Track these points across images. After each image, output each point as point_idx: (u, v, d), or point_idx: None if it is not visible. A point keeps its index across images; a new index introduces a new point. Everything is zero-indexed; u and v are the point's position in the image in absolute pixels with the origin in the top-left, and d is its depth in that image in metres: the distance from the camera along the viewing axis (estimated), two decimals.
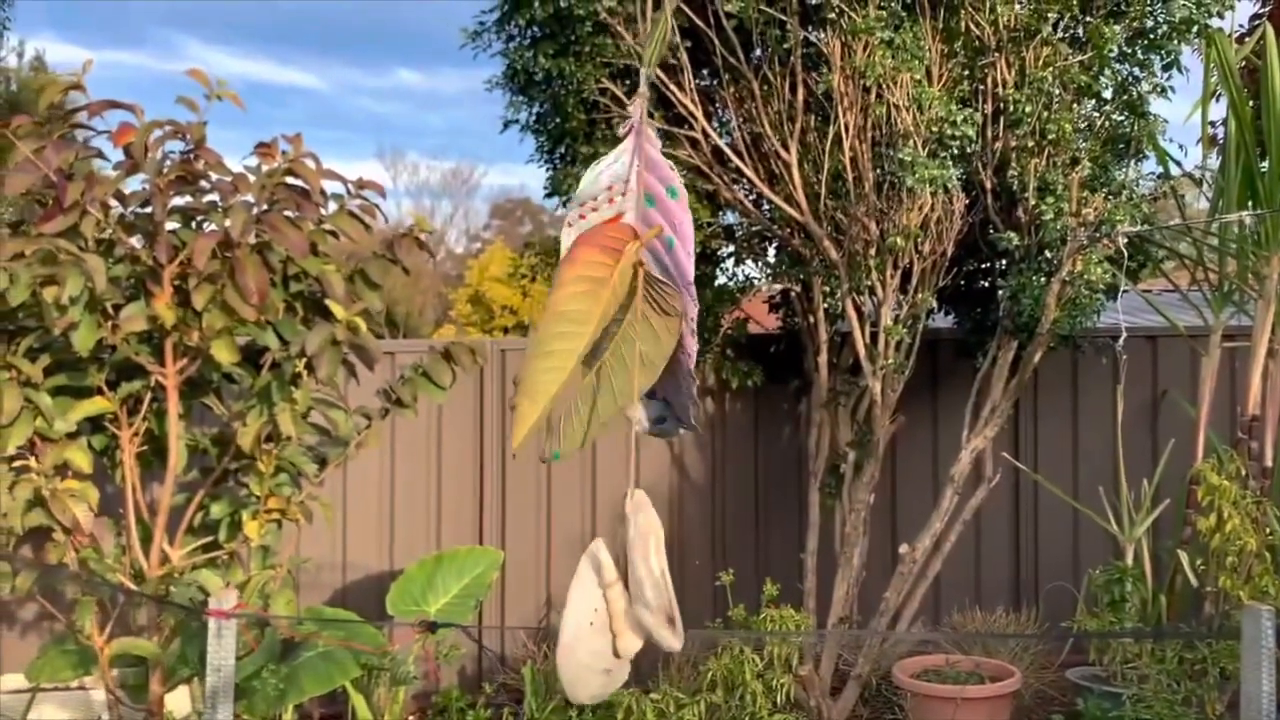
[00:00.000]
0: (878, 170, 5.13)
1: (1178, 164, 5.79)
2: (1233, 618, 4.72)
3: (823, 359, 5.78)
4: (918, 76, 4.96)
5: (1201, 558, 5.09)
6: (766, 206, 5.69)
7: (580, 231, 2.69)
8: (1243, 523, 4.73)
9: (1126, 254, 5.04)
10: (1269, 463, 5.33)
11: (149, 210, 3.72)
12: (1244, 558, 4.74)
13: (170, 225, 3.86)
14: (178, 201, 3.83)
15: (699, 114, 5.35)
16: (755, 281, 6.36)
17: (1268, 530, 4.89)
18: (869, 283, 5.21)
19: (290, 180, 3.77)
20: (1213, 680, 4.58)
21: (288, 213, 3.73)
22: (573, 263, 2.56)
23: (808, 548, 5.82)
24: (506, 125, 5.89)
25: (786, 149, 5.29)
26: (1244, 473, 5.04)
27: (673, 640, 2.55)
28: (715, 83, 5.62)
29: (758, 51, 5.37)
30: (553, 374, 2.52)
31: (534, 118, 5.86)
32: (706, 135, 5.42)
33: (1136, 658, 4.89)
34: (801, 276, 5.70)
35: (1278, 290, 5.27)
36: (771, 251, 6.14)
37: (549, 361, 2.53)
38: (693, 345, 2.78)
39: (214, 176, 3.78)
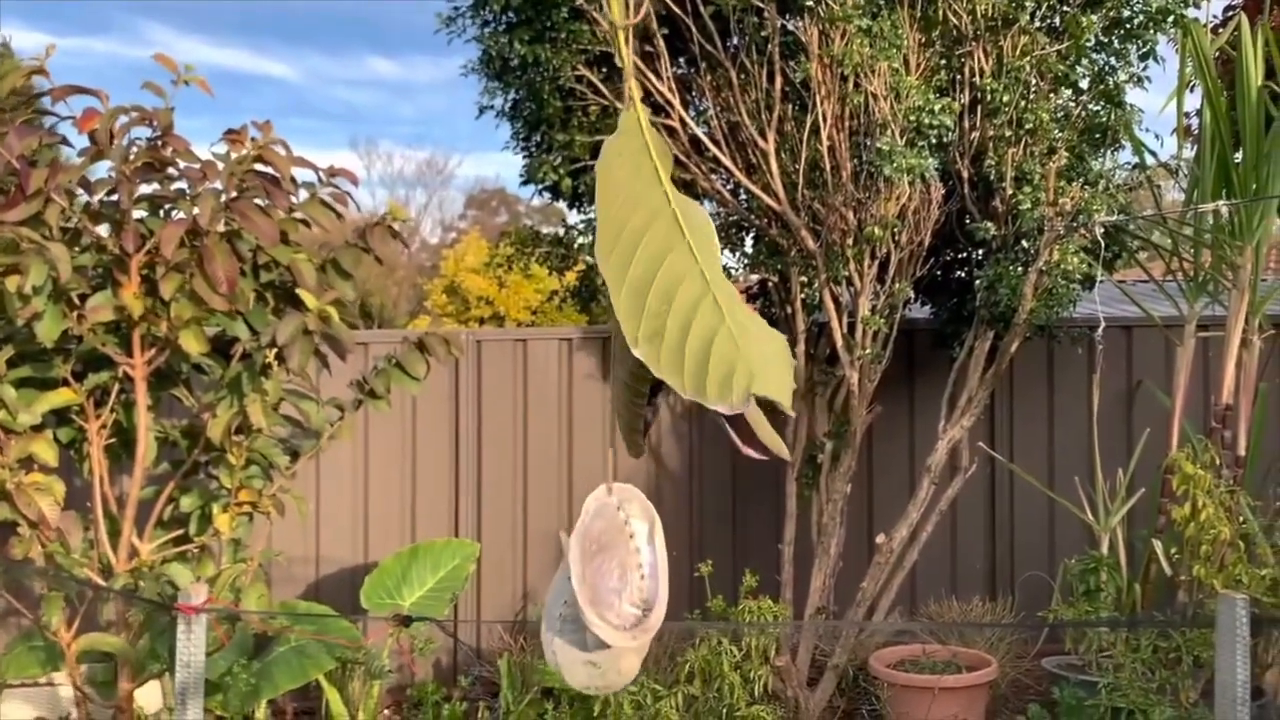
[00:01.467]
0: (855, 160, 5.11)
1: (1153, 154, 5.81)
2: (1206, 606, 4.74)
3: (800, 350, 5.76)
4: (895, 65, 4.94)
5: (1176, 546, 5.12)
6: (744, 196, 5.66)
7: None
8: (1217, 512, 4.75)
9: (1103, 244, 5.05)
10: (1242, 451, 5.36)
11: (115, 198, 3.64)
12: (1218, 546, 4.76)
13: (138, 213, 3.78)
14: (145, 189, 3.76)
15: (676, 102, 5.31)
16: (733, 272, 6.33)
17: (1241, 519, 4.91)
18: (846, 273, 5.20)
19: (260, 167, 3.71)
20: (1187, 668, 4.60)
21: (258, 200, 3.67)
22: None
23: (785, 538, 5.81)
24: (482, 111, 5.83)
25: (764, 138, 5.26)
26: (1218, 462, 5.06)
27: (622, 640, 2.45)
28: (692, 71, 5.58)
29: (735, 39, 5.34)
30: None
31: (509, 104, 5.80)
32: (684, 124, 5.38)
33: (1111, 646, 4.91)
34: (779, 267, 5.68)
35: (1251, 280, 5.29)
36: (749, 242, 6.11)
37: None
38: None
39: (182, 163, 3.71)
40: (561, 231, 6.50)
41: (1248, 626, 2.94)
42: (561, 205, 6.27)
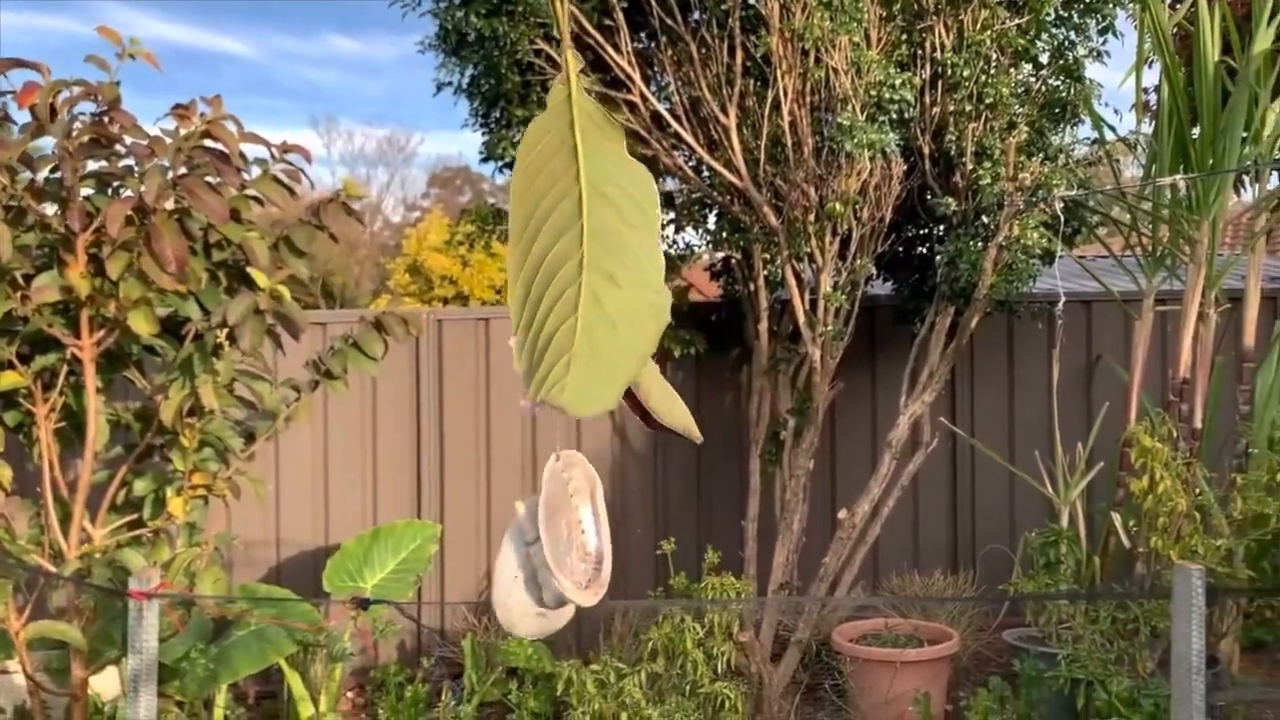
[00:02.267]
0: (817, 135, 5.09)
1: (1112, 129, 5.84)
2: (1164, 577, 4.80)
3: (763, 326, 5.75)
4: (856, 39, 4.92)
5: (1134, 519, 5.17)
6: (706, 172, 5.63)
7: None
8: (1174, 484, 4.80)
9: (1062, 219, 5.07)
10: (1199, 424, 5.42)
11: (60, 175, 3.54)
12: (1174, 518, 4.82)
13: (85, 191, 3.68)
14: (92, 166, 3.66)
15: (637, 77, 5.26)
16: (696, 249, 6.31)
17: (1197, 491, 4.97)
18: (808, 249, 5.18)
19: (209, 144, 3.61)
20: (1144, 639, 4.66)
21: (208, 178, 3.58)
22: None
23: (748, 515, 5.82)
24: (440, 88, 5.74)
25: (725, 113, 5.22)
26: (1175, 435, 5.12)
27: (583, 599, 2.60)
28: (653, 45, 5.52)
29: (696, 14, 5.29)
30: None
31: (467, 80, 5.72)
32: (645, 99, 5.33)
33: (1071, 618, 4.97)
34: (742, 244, 5.66)
35: (1208, 255, 5.34)
36: (712, 218, 6.08)
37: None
38: None
39: (129, 140, 3.60)
40: None
41: (1203, 597, 2.97)
42: None
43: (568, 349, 1.94)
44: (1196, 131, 5.39)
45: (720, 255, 6.22)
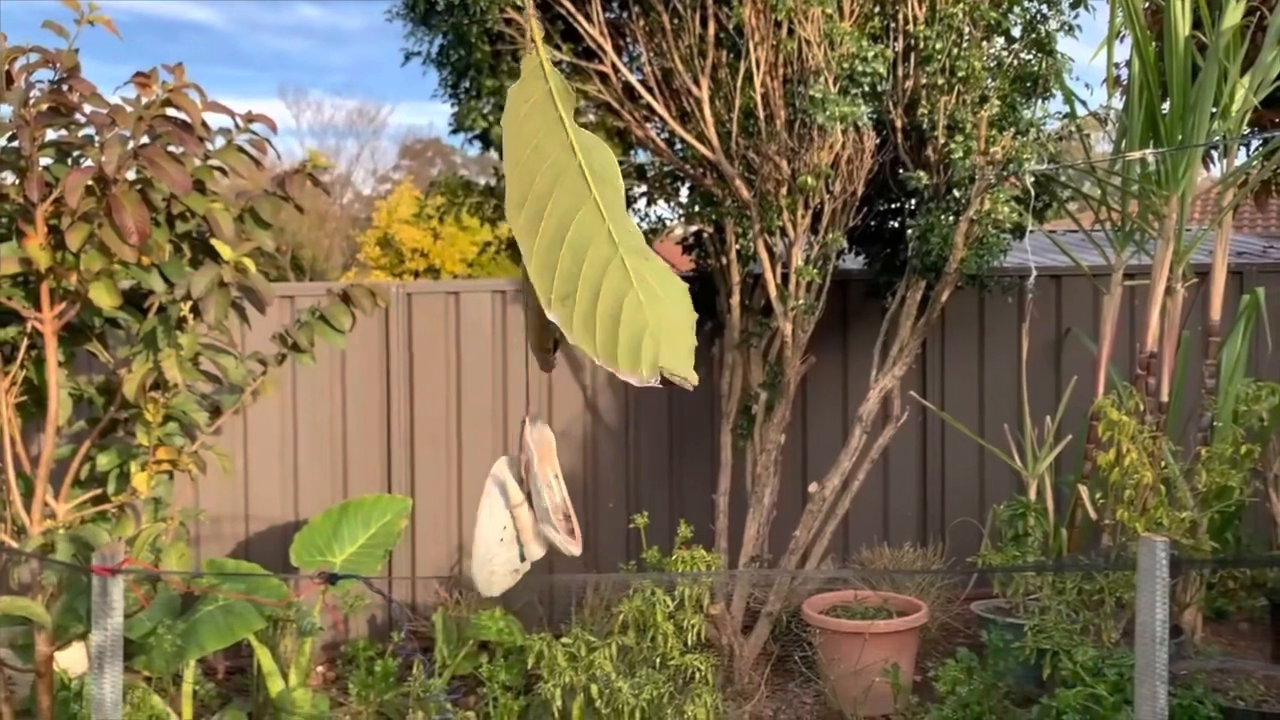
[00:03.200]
0: (789, 108, 5.06)
1: (1083, 104, 5.85)
2: (1129, 549, 4.86)
3: (735, 300, 5.74)
4: (829, 11, 4.89)
5: (1101, 491, 5.23)
6: (678, 145, 5.59)
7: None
8: (1140, 457, 4.85)
9: (1033, 194, 5.08)
10: (1165, 398, 5.47)
11: (17, 144, 3.46)
12: (1140, 491, 4.87)
13: (44, 160, 3.60)
14: (51, 135, 3.58)
15: (608, 47, 5.21)
16: (667, 223, 6.28)
17: (1163, 464, 5.03)
18: (780, 223, 5.17)
19: (172, 113, 3.54)
20: (1109, 609, 4.72)
21: (170, 148, 3.51)
22: None
23: (720, 488, 5.83)
24: (408, 57, 5.67)
25: (698, 85, 5.18)
26: (1142, 408, 5.16)
27: (574, 548, 2.84)
28: (625, 15, 5.46)
29: None
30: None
31: (436, 50, 5.65)
32: (616, 70, 5.28)
33: (1038, 590, 5.02)
34: (714, 217, 5.63)
35: (1176, 229, 5.37)
36: (684, 192, 6.05)
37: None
38: None
39: (89, 108, 3.53)
40: (494, 182, 6.38)
41: (1167, 568, 3.00)
42: (494, 154, 6.15)
43: (642, 325, 2.00)
44: (1166, 106, 5.41)
45: (692, 229, 6.20)
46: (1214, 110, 5.29)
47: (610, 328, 2.08)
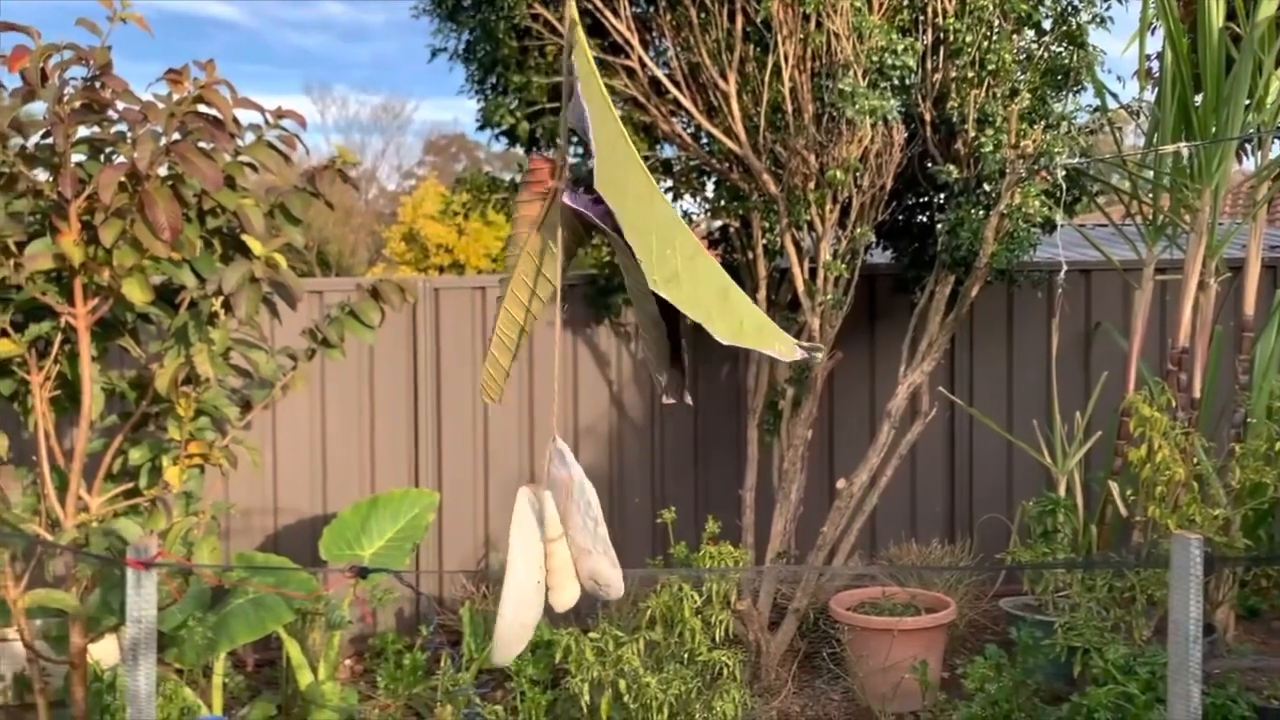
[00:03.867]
0: (817, 102, 5.04)
1: (1114, 97, 5.79)
2: (1161, 546, 4.81)
3: (761, 295, 5.72)
4: (857, 4, 4.86)
5: (1131, 488, 5.18)
6: (705, 139, 5.58)
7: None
8: (1172, 453, 4.79)
9: (1064, 187, 5.03)
10: (1197, 394, 5.41)
11: (51, 141, 3.49)
12: (1172, 487, 4.82)
13: (77, 157, 3.63)
14: (84, 132, 3.61)
15: (635, 42, 5.20)
16: (694, 217, 6.26)
17: (1195, 460, 4.97)
18: (808, 217, 5.15)
19: (203, 109, 3.56)
20: (1140, 607, 4.68)
21: (201, 144, 3.53)
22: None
23: (746, 484, 5.81)
24: (435, 54, 5.69)
25: (725, 79, 5.16)
26: (1173, 404, 5.11)
27: (619, 586, 2.62)
28: (652, 10, 5.45)
29: None
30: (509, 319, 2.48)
31: (463, 46, 5.66)
32: (643, 65, 5.27)
33: (1068, 586, 4.98)
34: (741, 212, 5.62)
35: (1209, 223, 5.31)
36: (710, 186, 6.04)
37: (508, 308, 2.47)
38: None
39: (121, 105, 3.55)
40: (519, 177, 6.39)
41: (1201, 566, 2.97)
42: (520, 150, 6.15)
43: (747, 309, 2.14)
44: (1199, 99, 5.35)
45: (718, 223, 6.18)
46: (1248, 103, 5.22)
47: (723, 311, 2.21)
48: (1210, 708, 3.93)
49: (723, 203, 5.70)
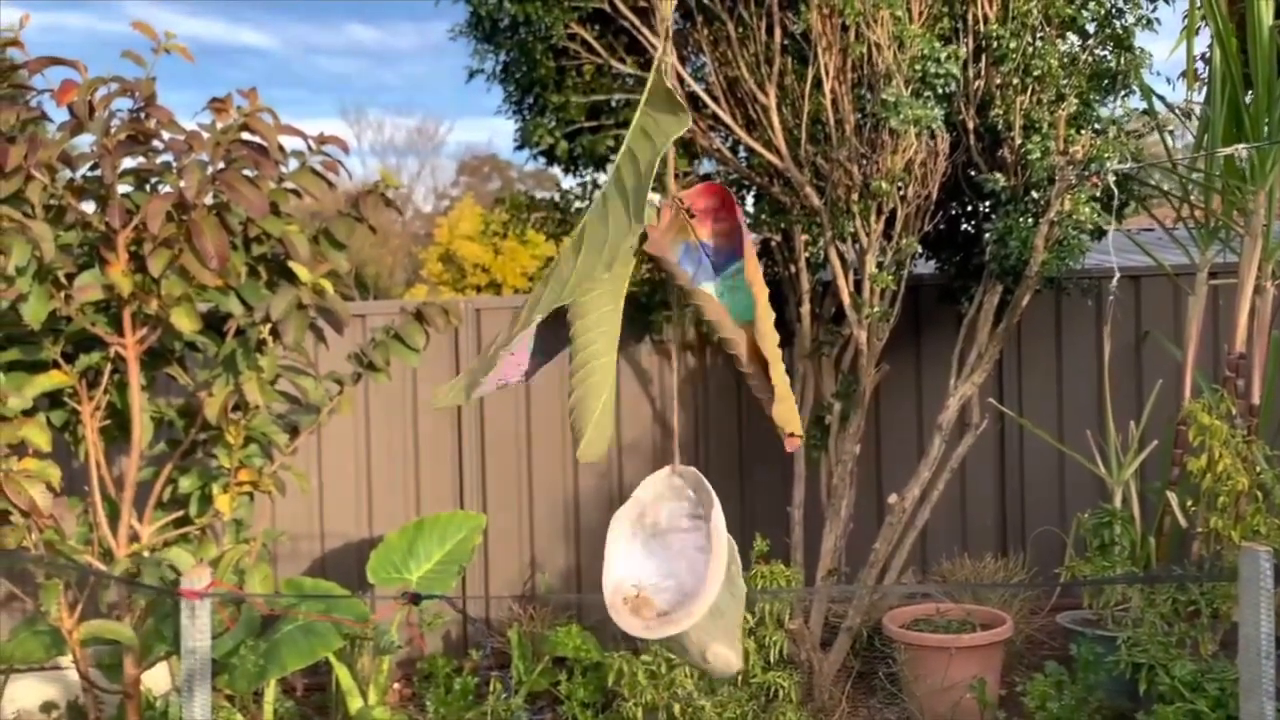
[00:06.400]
0: (859, 113, 4.98)
1: (1162, 99, 5.68)
2: (1224, 558, 4.68)
3: (805, 309, 5.66)
4: (898, 13, 4.80)
5: (1191, 498, 5.05)
6: (744, 153, 5.53)
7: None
8: (1234, 462, 4.67)
9: (1115, 193, 4.94)
10: (1256, 400, 5.28)
11: (99, 173, 3.52)
12: (1234, 498, 4.69)
13: (123, 188, 3.66)
14: (129, 163, 3.63)
15: (673, 58, 5.16)
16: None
17: (1257, 469, 4.84)
18: (852, 229, 5.08)
19: (247, 137, 3.58)
20: (1205, 621, 4.55)
21: (246, 171, 3.54)
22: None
23: (794, 501, 5.74)
24: (472, 75, 5.69)
25: (764, 92, 5.12)
26: (1232, 412, 4.98)
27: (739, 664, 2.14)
28: (689, 25, 5.43)
29: None
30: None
31: (500, 67, 5.66)
32: (681, 80, 5.24)
33: (1128, 600, 4.86)
34: (782, 225, 5.56)
35: (1264, 226, 5.18)
36: (750, 200, 5.99)
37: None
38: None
39: (166, 135, 3.58)
40: (557, 196, 6.37)
41: (1271, 578, 2.87)
42: (556, 170, 6.14)
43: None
44: (1250, 98, 5.23)
45: (759, 238, 6.13)
46: None
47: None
48: None
49: (763, 216, 5.65)
